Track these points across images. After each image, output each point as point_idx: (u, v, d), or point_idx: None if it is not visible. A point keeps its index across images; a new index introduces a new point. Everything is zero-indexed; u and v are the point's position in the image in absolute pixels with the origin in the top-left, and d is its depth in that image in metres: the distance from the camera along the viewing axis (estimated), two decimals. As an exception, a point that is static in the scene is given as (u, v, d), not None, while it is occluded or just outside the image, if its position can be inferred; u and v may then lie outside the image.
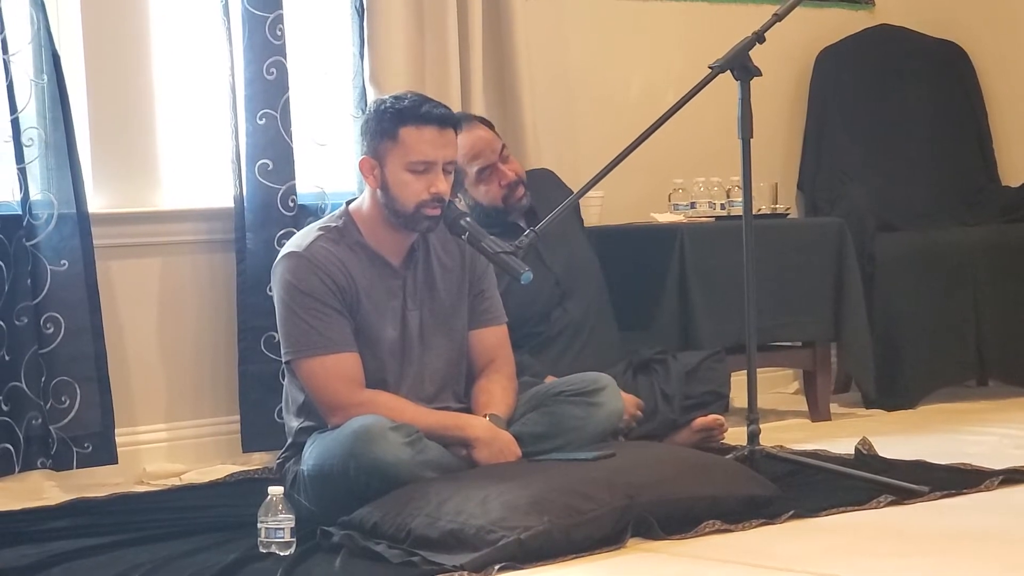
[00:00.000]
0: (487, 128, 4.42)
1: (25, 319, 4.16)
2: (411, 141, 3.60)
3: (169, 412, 4.48)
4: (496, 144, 4.38)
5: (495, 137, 4.41)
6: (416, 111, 3.61)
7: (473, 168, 4.34)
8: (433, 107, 3.64)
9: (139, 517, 3.77)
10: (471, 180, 4.35)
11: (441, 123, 3.62)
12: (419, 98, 3.67)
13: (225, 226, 4.51)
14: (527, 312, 4.29)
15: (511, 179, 4.35)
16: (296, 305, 3.58)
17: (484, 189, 4.35)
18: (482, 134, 4.38)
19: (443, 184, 3.62)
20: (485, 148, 4.35)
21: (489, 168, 4.34)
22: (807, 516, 3.46)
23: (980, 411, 5.11)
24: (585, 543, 3.17)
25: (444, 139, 3.63)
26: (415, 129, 3.60)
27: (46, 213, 4.17)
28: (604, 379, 3.83)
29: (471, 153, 4.33)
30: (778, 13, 3.87)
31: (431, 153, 3.60)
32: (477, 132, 4.37)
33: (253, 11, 4.44)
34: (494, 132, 4.43)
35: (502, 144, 4.40)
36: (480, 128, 4.39)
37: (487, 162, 4.34)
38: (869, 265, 5.21)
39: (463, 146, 4.28)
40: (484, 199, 4.35)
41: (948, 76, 5.99)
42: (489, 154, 4.35)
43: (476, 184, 4.35)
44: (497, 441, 3.58)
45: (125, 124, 4.43)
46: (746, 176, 3.87)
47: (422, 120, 3.61)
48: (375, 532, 3.25)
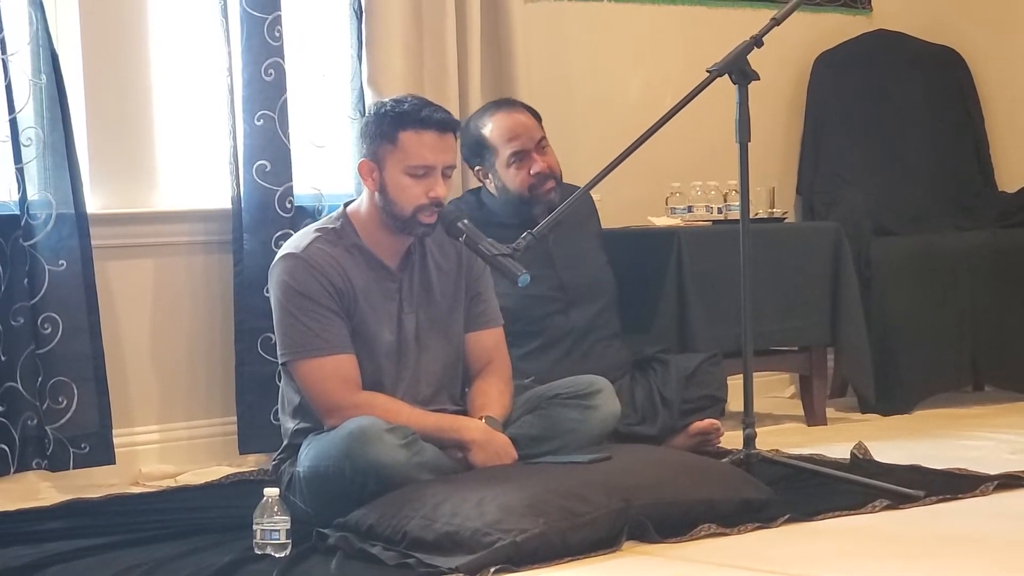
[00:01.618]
0: (530, 115, 4.41)
1: (22, 319, 4.15)
2: (411, 145, 3.60)
3: (165, 413, 4.48)
4: (536, 132, 4.37)
5: (537, 126, 4.40)
6: (416, 115, 3.61)
7: (507, 150, 4.33)
8: (433, 111, 3.64)
9: (135, 518, 3.77)
10: (502, 161, 4.34)
11: (441, 128, 3.62)
12: (419, 102, 3.67)
13: (222, 227, 4.51)
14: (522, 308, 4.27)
15: (542, 170, 4.34)
16: (293, 306, 3.58)
17: (513, 173, 4.33)
18: (523, 119, 4.38)
19: (442, 189, 3.63)
20: (523, 132, 4.34)
21: (523, 153, 4.33)
22: (803, 520, 3.46)
23: (976, 416, 5.12)
24: (581, 546, 3.17)
25: (444, 144, 3.63)
26: (415, 133, 3.60)
27: (44, 213, 4.17)
28: (600, 382, 3.83)
29: (509, 134, 4.33)
30: (776, 18, 3.87)
31: (430, 157, 3.60)
32: (518, 116, 4.38)
33: (251, 12, 4.44)
34: (538, 122, 4.42)
35: (543, 136, 4.39)
36: (522, 113, 4.40)
37: (522, 147, 4.33)
38: (866, 269, 5.21)
39: (501, 124, 4.33)
40: (511, 184, 4.34)
41: (945, 81, 6.00)
42: (526, 140, 4.34)
43: (507, 166, 4.34)
44: (493, 443, 3.58)
45: (123, 124, 4.43)
46: (743, 180, 3.87)
47: (422, 124, 3.60)
48: (371, 534, 3.25)
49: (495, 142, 4.35)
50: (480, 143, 4.38)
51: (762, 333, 4.65)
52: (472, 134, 4.41)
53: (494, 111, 4.41)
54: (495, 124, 4.36)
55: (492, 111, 4.42)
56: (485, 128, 4.37)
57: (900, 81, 5.92)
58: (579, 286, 4.44)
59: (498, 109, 4.41)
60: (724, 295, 4.58)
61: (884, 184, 5.74)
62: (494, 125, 4.36)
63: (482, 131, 4.37)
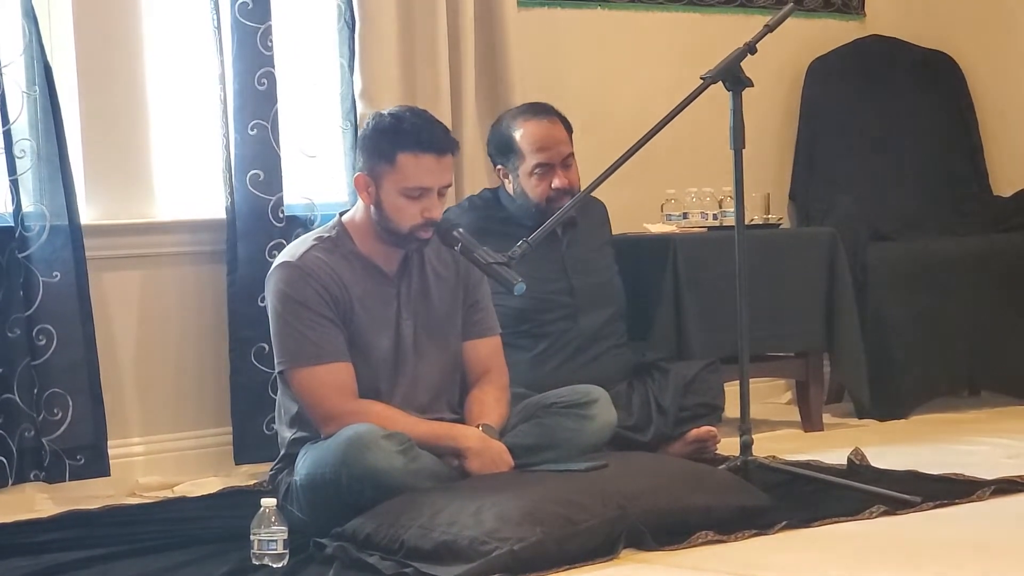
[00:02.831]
0: (564, 129, 4.40)
1: (18, 331, 4.15)
2: (408, 168, 3.59)
3: (161, 424, 4.47)
4: (564, 148, 4.36)
5: (567, 140, 4.39)
6: (415, 137, 3.59)
7: (533, 160, 4.32)
8: (433, 132, 3.62)
9: (131, 529, 3.77)
10: (526, 169, 4.33)
11: (440, 151, 3.61)
12: (419, 121, 3.63)
13: (216, 237, 4.51)
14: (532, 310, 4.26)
15: (562, 185, 4.32)
16: (289, 315, 3.58)
17: (535, 183, 4.32)
18: (556, 133, 4.37)
19: (437, 210, 3.62)
20: (553, 146, 4.33)
21: (548, 167, 4.32)
22: (799, 526, 3.46)
23: (972, 421, 5.12)
24: (578, 554, 3.17)
25: (441, 166, 3.62)
26: (413, 157, 3.59)
27: (38, 225, 4.16)
28: (596, 391, 3.83)
29: (538, 145, 4.33)
30: (769, 24, 3.88)
31: (428, 180, 3.60)
32: (552, 129, 4.36)
33: (244, 22, 4.44)
34: (569, 136, 4.41)
35: (570, 152, 4.38)
36: (557, 127, 4.38)
37: (549, 160, 4.32)
38: (861, 275, 5.21)
39: (533, 134, 4.33)
40: (531, 192, 4.33)
41: (939, 86, 6.00)
42: (554, 154, 4.33)
43: (529, 175, 4.33)
44: (489, 451, 3.57)
45: (117, 135, 4.43)
46: (738, 186, 3.87)
47: (420, 147, 3.59)
48: (368, 543, 3.25)
49: (523, 148, 4.33)
50: (508, 144, 4.37)
51: (758, 339, 4.63)
52: (502, 133, 4.40)
53: (529, 116, 4.39)
54: (527, 131, 4.35)
55: (527, 116, 4.39)
56: (516, 132, 4.36)
57: (894, 86, 5.92)
58: (589, 292, 4.43)
59: (534, 115, 4.39)
60: (720, 301, 4.58)
61: (879, 189, 5.74)
62: (526, 131, 4.35)
63: (513, 133, 4.36)
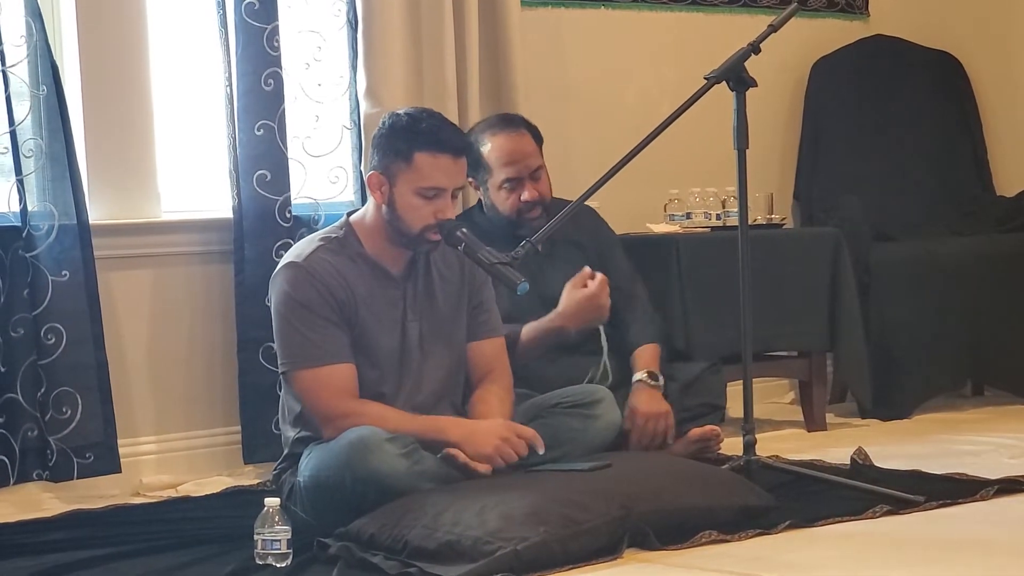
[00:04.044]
0: (532, 141, 4.34)
1: (22, 330, 4.15)
2: (425, 167, 3.59)
3: (167, 423, 4.48)
4: (533, 160, 4.31)
5: (535, 152, 4.33)
6: (433, 137, 3.59)
7: (502, 174, 4.28)
8: (451, 134, 3.62)
9: (136, 529, 3.77)
10: (495, 182, 4.30)
11: (457, 152, 3.62)
12: (436, 122, 3.64)
13: (223, 237, 4.52)
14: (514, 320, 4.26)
15: (531, 198, 4.28)
16: (292, 316, 3.59)
17: (504, 196, 4.29)
18: (524, 147, 4.31)
19: (450, 211, 3.63)
20: (520, 160, 4.29)
21: (516, 180, 4.28)
22: (803, 526, 3.47)
23: (976, 421, 5.12)
24: (581, 554, 3.18)
25: (458, 167, 3.63)
26: (430, 156, 3.59)
27: (46, 224, 4.17)
28: (601, 391, 3.84)
29: (506, 159, 4.28)
30: (773, 24, 3.88)
31: (444, 181, 3.60)
32: (520, 142, 4.31)
33: (250, 22, 4.44)
34: (539, 147, 4.36)
35: (539, 165, 4.32)
36: (525, 139, 4.33)
37: (517, 174, 4.28)
38: (865, 275, 5.21)
39: (501, 148, 4.28)
40: (500, 205, 4.30)
41: (943, 86, 6.00)
42: (522, 167, 4.28)
43: (498, 188, 4.30)
44: (476, 433, 3.53)
45: (123, 135, 4.44)
46: (742, 186, 3.88)
47: (439, 148, 3.59)
48: (372, 543, 3.26)
49: (491, 163, 4.30)
50: (477, 159, 4.30)
51: (761, 339, 4.65)
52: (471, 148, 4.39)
53: (496, 131, 4.34)
54: (494, 145, 4.30)
55: (495, 130, 4.34)
56: (484, 146, 4.32)
57: (898, 86, 5.92)
58: None
59: (501, 129, 4.34)
60: (723, 301, 4.57)
61: (882, 189, 5.74)
62: (493, 146, 4.31)
63: (480, 148, 4.32)
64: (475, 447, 3.51)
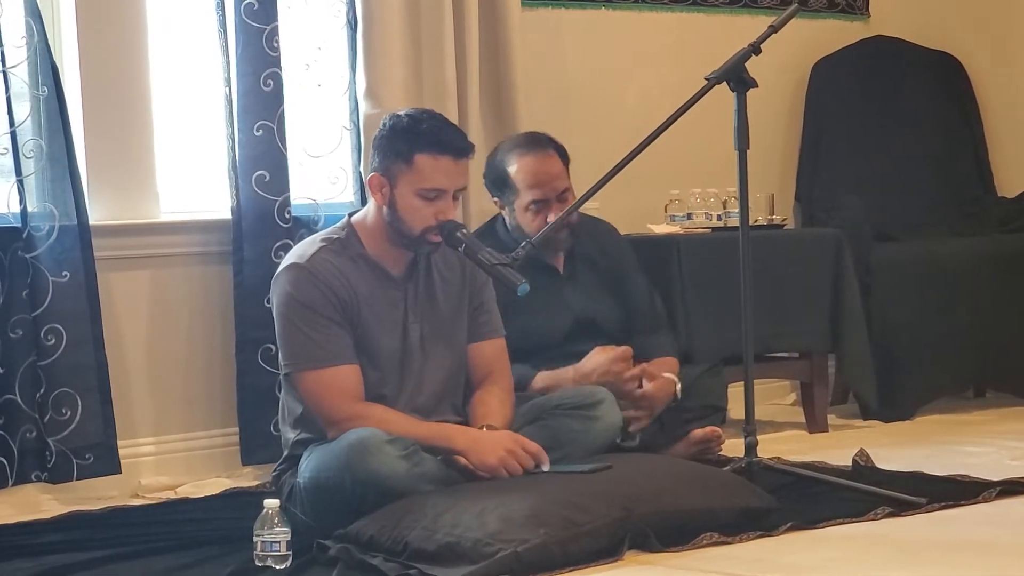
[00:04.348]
0: (560, 162, 4.29)
1: (20, 331, 4.15)
2: (426, 169, 3.58)
3: (166, 424, 4.48)
4: (560, 183, 4.26)
5: (562, 173, 4.28)
6: (435, 138, 3.58)
7: (528, 196, 4.23)
8: (452, 135, 3.62)
9: (134, 530, 3.76)
10: (522, 204, 4.25)
11: (458, 154, 3.60)
12: (437, 123, 3.63)
13: (222, 238, 4.51)
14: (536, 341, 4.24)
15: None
16: (296, 317, 3.58)
17: (530, 218, 4.22)
18: (551, 168, 4.26)
19: (451, 212, 3.62)
20: (547, 183, 4.23)
21: (543, 203, 4.24)
22: (805, 528, 3.46)
23: (977, 422, 5.11)
24: (582, 556, 3.17)
25: (459, 168, 3.62)
26: (432, 157, 3.58)
27: (46, 225, 4.17)
28: (601, 393, 3.83)
29: (533, 181, 4.23)
30: (774, 25, 3.87)
31: (445, 182, 3.59)
32: (547, 164, 4.26)
33: (249, 22, 4.44)
34: (566, 168, 4.31)
35: (566, 187, 4.28)
36: (552, 160, 4.27)
37: (543, 196, 4.23)
38: (866, 276, 5.20)
39: (528, 169, 4.24)
40: (526, 226, 4.22)
41: (944, 87, 6.00)
42: (548, 190, 4.23)
43: (524, 210, 4.24)
44: (481, 442, 3.53)
45: (123, 135, 4.43)
46: (742, 187, 3.87)
47: (440, 149, 3.58)
48: (371, 545, 3.25)
49: (518, 184, 4.25)
50: (503, 179, 4.28)
51: (763, 340, 4.65)
52: (497, 168, 4.32)
53: (524, 151, 4.28)
54: (521, 167, 4.25)
55: (522, 150, 4.29)
56: (511, 167, 4.27)
57: (898, 87, 5.92)
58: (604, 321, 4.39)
59: (529, 150, 4.28)
60: (724, 302, 4.57)
61: (884, 190, 5.74)
62: (520, 167, 4.26)
63: (507, 168, 4.28)
64: (480, 456, 3.51)
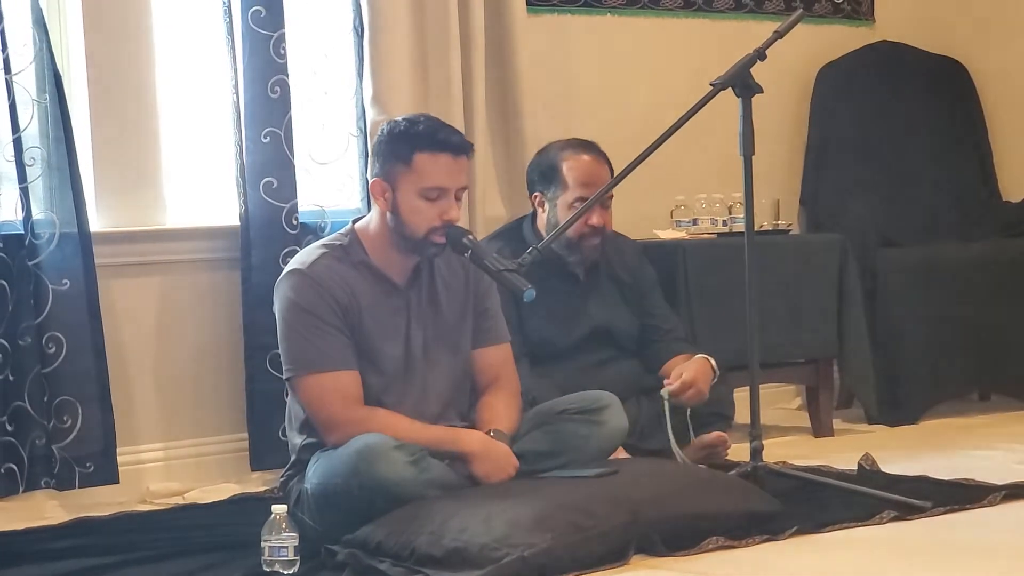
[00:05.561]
0: (608, 170, 4.37)
1: (28, 339, 4.15)
2: (426, 168, 3.59)
3: (172, 430, 4.48)
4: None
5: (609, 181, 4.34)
6: (432, 137, 3.60)
7: (576, 192, 4.29)
8: (449, 134, 3.63)
9: (142, 536, 3.77)
10: (566, 199, 4.31)
11: (456, 151, 3.62)
12: (434, 123, 3.65)
13: (229, 244, 4.52)
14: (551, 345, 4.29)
15: (599, 223, 4.32)
16: (297, 322, 3.59)
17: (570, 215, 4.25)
18: (601, 172, 4.34)
19: (455, 211, 3.63)
20: (597, 185, 4.26)
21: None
22: (810, 532, 3.47)
23: (983, 426, 5.12)
24: (588, 560, 3.18)
25: (458, 166, 3.62)
26: (430, 156, 3.59)
27: (48, 232, 4.17)
28: (607, 397, 3.83)
29: (585, 179, 4.31)
30: (779, 30, 3.88)
31: (445, 180, 3.60)
32: (598, 167, 4.35)
33: (257, 30, 4.44)
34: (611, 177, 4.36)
35: (610, 195, 4.32)
36: (603, 166, 4.37)
37: (590, 196, 4.25)
38: (871, 281, 5.21)
39: (582, 168, 4.33)
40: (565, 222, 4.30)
41: (948, 92, 6.00)
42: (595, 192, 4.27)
43: (568, 207, 4.30)
44: (492, 453, 3.56)
45: (128, 143, 4.44)
46: (748, 192, 3.88)
47: (437, 147, 3.59)
48: (379, 550, 3.26)
49: (568, 179, 4.31)
50: (553, 172, 4.35)
51: (768, 345, 4.64)
52: (548, 160, 4.38)
53: (579, 151, 4.37)
54: (576, 163, 4.33)
55: (577, 149, 4.38)
56: (564, 163, 4.34)
57: (903, 92, 5.92)
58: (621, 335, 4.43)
59: (584, 150, 4.37)
60: (729, 307, 4.57)
61: (888, 195, 5.74)
62: (574, 163, 4.33)
63: (560, 163, 4.34)
64: (489, 464, 3.53)
